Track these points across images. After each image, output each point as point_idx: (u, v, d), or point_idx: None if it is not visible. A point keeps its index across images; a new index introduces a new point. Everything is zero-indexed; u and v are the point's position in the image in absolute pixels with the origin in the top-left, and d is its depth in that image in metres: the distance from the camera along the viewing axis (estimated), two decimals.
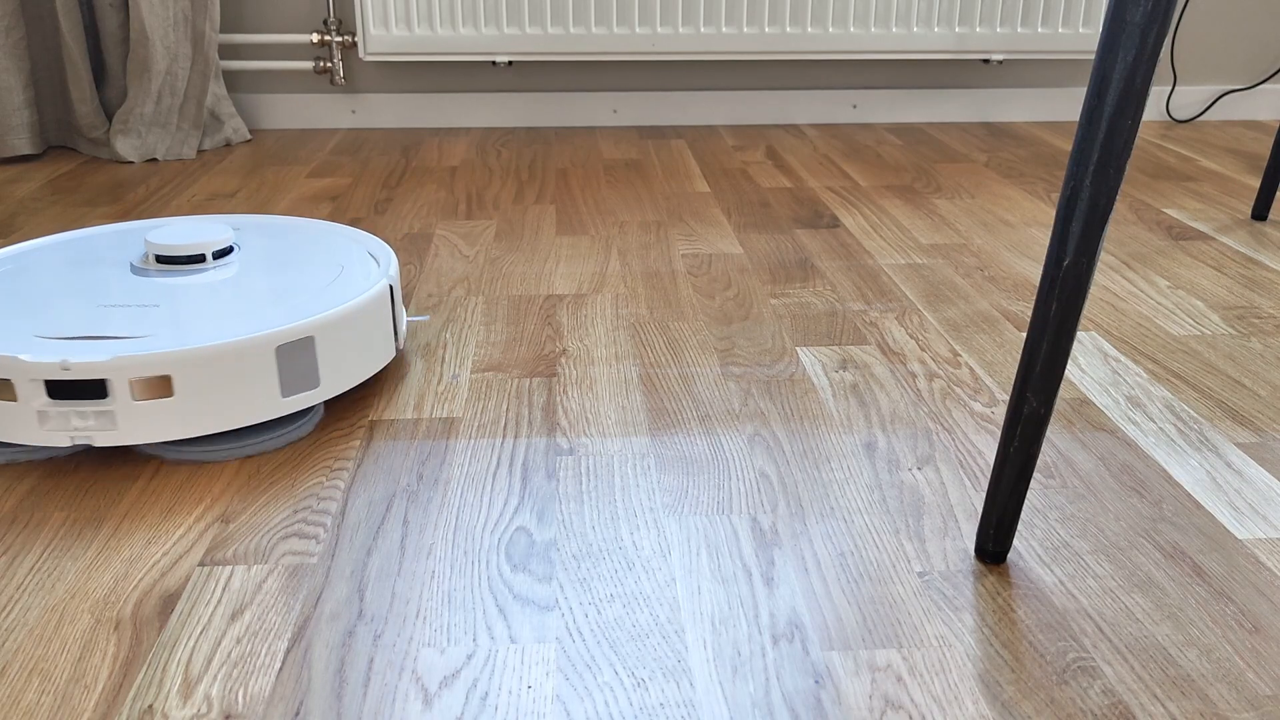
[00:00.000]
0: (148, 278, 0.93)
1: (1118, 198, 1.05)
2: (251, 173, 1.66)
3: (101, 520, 0.74)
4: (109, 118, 1.77)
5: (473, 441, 0.85)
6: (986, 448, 0.84)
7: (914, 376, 0.97)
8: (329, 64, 1.91)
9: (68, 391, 0.78)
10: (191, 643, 0.62)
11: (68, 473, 0.81)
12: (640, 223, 1.41)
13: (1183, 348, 1.03)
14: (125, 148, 1.72)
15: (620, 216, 1.44)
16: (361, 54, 1.85)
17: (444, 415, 0.89)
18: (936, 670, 0.60)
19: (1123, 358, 1.01)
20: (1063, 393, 0.94)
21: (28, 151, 1.72)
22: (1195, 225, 1.42)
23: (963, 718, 0.57)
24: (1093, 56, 1.19)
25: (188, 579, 0.68)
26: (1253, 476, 0.80)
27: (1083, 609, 0.65)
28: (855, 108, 2.03)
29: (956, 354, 1.02)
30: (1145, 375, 0.97)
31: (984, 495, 0.75)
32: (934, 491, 0.78)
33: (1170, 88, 2.07)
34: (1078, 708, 0.57)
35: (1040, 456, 0.83)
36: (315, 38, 1.87)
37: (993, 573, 0.69)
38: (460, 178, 1.63)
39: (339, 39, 1.88)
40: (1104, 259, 1.29)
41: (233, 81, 1.93)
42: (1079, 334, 1.06)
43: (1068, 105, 2.07)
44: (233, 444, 0.83)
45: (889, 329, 1.07)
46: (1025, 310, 1.13)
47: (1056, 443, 0.85)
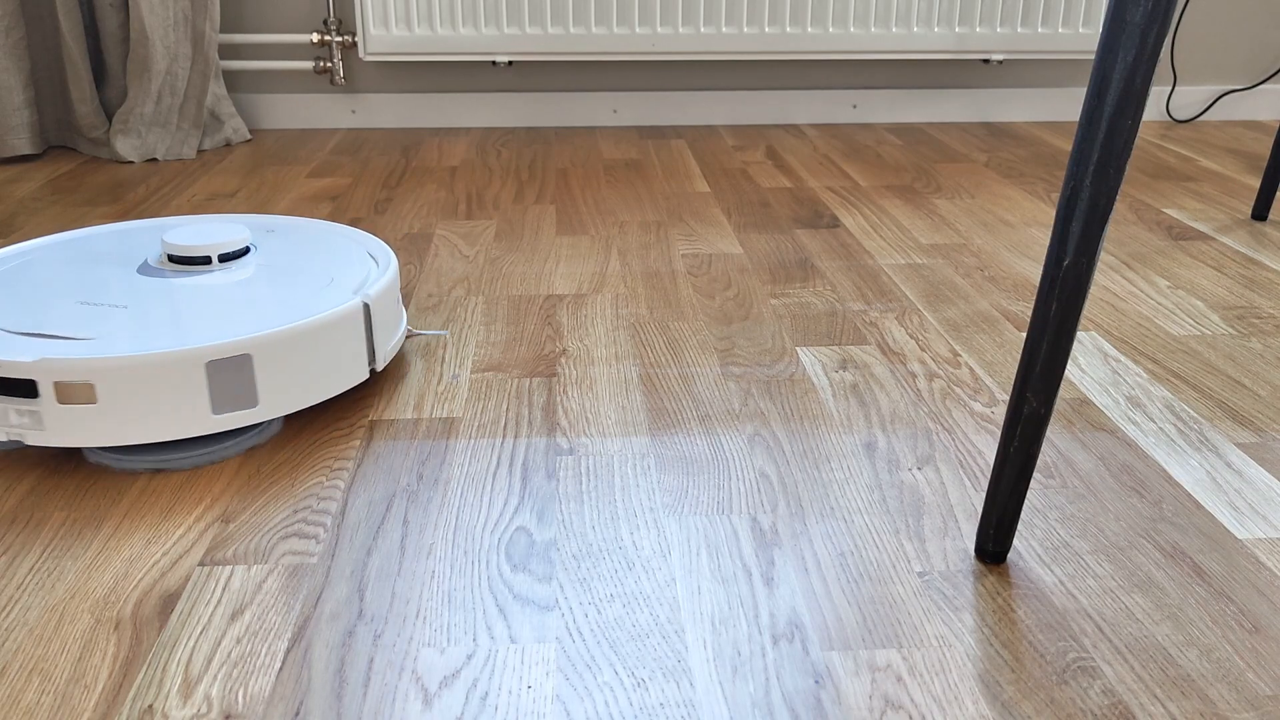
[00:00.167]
0: (149, 277, 0.93)
1: (1118, 198, 1.05)
2: (251, 173, 1.66)
3: (101, 520, 0.74)
4: (109, 118, 1.77)
5: (473, 441, 0.85)
6: (986, 448, 0.84)
7: (914, 376, 0.97)
8: (329, 64, 1.91)
9: (5, 388, 0.78)
10: (191, 643, 0.62)
11: (68, 473, 0.81)
12: (640, 223, 1.41)
13: (1183, 348, 1.03)
14: (125, 148, 1.72)
15: (620, 216, 1.44)
16: (361, 54, 1.85)
17: (444, 415, 0.89)
18: (936, 670, 0.60)
19: (1123, 358, 1.01)
20: (1063, 393, 0.94)
21: (28, 151, 1.72)
22: (1195, 225, 1.42)
23: (963, 718, 0.57)
24: (1093, 56, 1.19)
25: (188, 579, 0.68)
26: (1253, 476, 0.80)
27: (1083, 609, 0.65)
28: (855, 108, 2.03)
29: (956, 354, 1.02)
30: (1145, 375, 0.97)
31: (984, 495, 0.75)
32: (934, 491, 0.78)
33: (1170, 88, 2.07)
34: (1078, 708, 0.57)
35: (1040, 456, 0.83)
36: (315, 38, 1.87)
37: (993, 573, 0.69)
38: (460, 178, 1.63)
39: (339, 39, 1.88)
40: (1104, 259, 1.29)
41: (233, 81, 1.93)
42: (1079, 334, 1.06)
43: (1068, 105, 2.07)
44: (175, 454, 0.81)
45: (889, 329, 1.07)
46: (1025, 310, 1.13)
47: (1056, 443, 0.85)
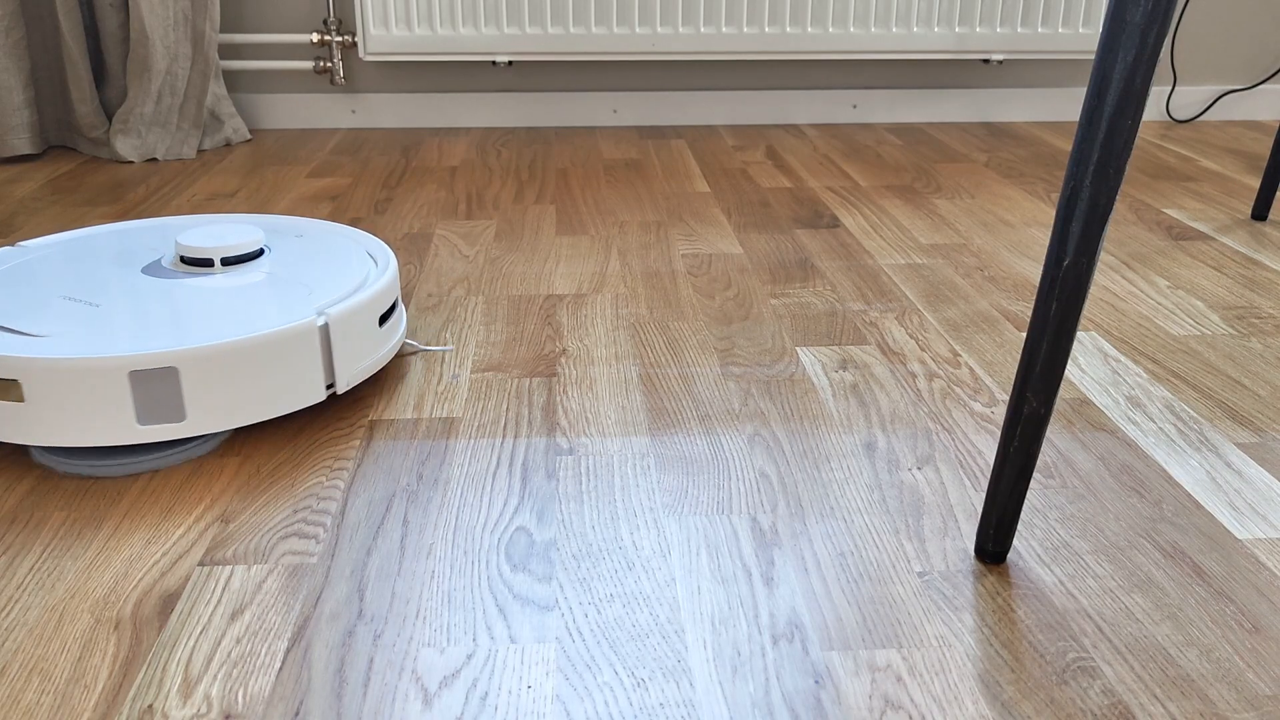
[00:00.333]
0: (151, 277, 0.93)
1: (1118, 198, 1.05)
2: (251, 172, 1.66)
3: (101, 520, 0.74)
4: (109, 117, 1.77)
5: (473, 441, 0.85)
6: (986, 448, 0.84)
7: (914, 376, 0.97)
8: (329, 64, 1.91)
9: None
10: (191, 642, 0.62)
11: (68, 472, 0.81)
12: (640, 223, 1.41)
13: (1183, 348, 1.03)
14: (125, 147, 1.72)
15: (620, 216, 1.44)
16: (361, 54, 1.85)
17: (444, 415, 0.89)
18: (936, 670, 0.60)
19: (1123, 358, 1.01)
20: (1063, 393, 0.94)
21: (28, 151, 1.72)
22: (1195, 225, 1.42)
23: (963, 718, 0.57)
24: (1093, 56, 1.19)
25: (187, 579, 0.68)
26: (1253, 476, 0.80)
27: (1083, 609, 0.65)
28: (855, 108, 2.03)
29: (956, 354, 1.02)
30: (1145, 375, 0.97)
31: (984, 495, 0.75)
32: (934, 491, 0.78)
33: (1170, 88, 2.07)
34: (1078, 708, 0.57)
35: (1040, 456, 0.83)
36: (315, 38, 1.87)
37: (993, 573, 0.69)
38: (460, 178, 1.63)
39: (339, 39, 1.88)
40: (1104, 259, 1.29)
41: (233, 81, 1.93)
42: (1079, 334, 1.06)
43: (1068, 105, 2.07)
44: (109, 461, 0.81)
45: (889, 329, 1.07)
46: (1025, 310, 1.13)
47: (1056, 443, 0.85)
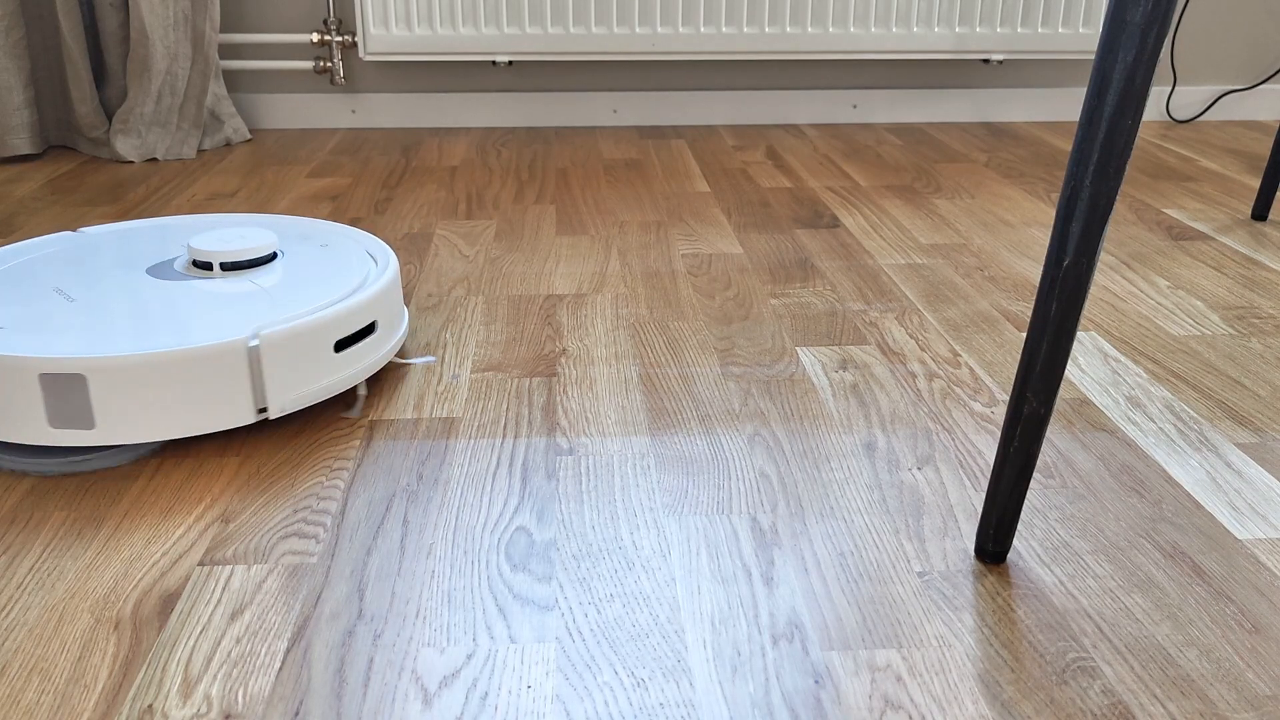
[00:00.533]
0: (150, 277, 0.93)
1: (1118, 198, 1.05)
2: (251, 172, 1.66)
3: (101, 520, 0.74)
4: (109, 117, 1.77)
5: (473, 441, 0.85)
6: (986, 448, 0.84)
7: (914, 376, 0.97)
8: (329, 64, 1.91)
9: None
10: (191, 642, 0.62)
11: (68, 472, 0.81)
12: (640, 223, 1.41)
13: (1183, 348, 1.03)
14: (125, 147, 1.72)
15: (620, 216, 1.44)
16: (361, 54, 1.85)
17: (444, 415, 0.89)
18: (936, 670, 0.60)
19: (1123, 358, 1.01)
20: (1063, 393, 0.94)
21: (28, 151, 1.72)
22: (1195, 225, 1.42)
23: (963, 718, 0.57)
24: (1093, 56, 1.19)
25: (187, 579, 0.68)
26: (1253, 476, 0.80)
27: (1083, 609, 0.65)
28: (855, 108, 2.03)
29: (956, 354, 1.02)
30: (1145, 375, 0.97)
31: (984, 495, 0.75)
32: (934, 491, 0.78)
33: (1170, 88, 2.07)
34: (1078, 708, 0.57)
35: (1040, 456, 0.83)
36: (315, 37, 1.87)
37: (993, 573, 0.69)
38: (460, 178, 1.63)
39: (339, 39, 1.88)
40: (1104, 259, 1.29)
41: (233, 81, 1.93)
42: (1079, 334, 1.06)
43: (1068, 105, 2.07)
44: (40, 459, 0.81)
45: (889, 329, 1.07)
46: (1025, 310, 1.13)
47: (1056, 443, 0.85)
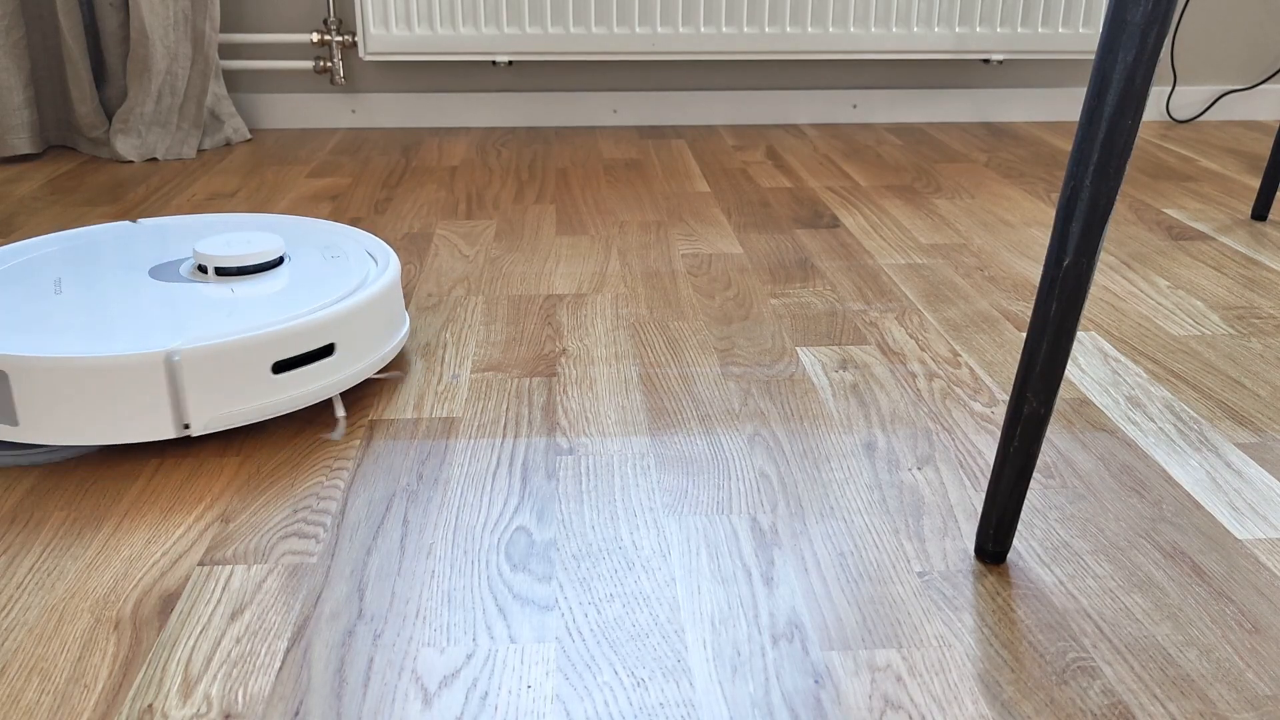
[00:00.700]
0: (149, 278, 0.93)
1: (1118, 198, 1.05)
2: (251, 172, 1.66)
3: (101, 520, 0.74)
4: (109, 117, 1.77)
5: (473, 441, 0.85)
6: (986, 448, 0.84)
7: (914, 376, 0.97)
8: (329, 64, 1.91)
9: None
10: (191, 642, 0.62)
11: (68, 472, 0.81)
12: (640, 223, 1.41)
13: (1183, 348, 1.03)
14: (125, 147, 1.72)
15: (620, 216, 1.44)
16: (361, 54, 1.85)
17: (444, 415, 0.89)
18: (936, 670, 0.60)
19: (1123, 358, 1.01)
20: (1063, 393, 0.94)
21: (28, 151, 1.72)
22: (1195, 225, 1.42)
23: (962, 718, 0.57)
24: (1093, 56, 1.19)
25: (187, 578, 0.68)
26: (1253, 476, 0.80)
27: (1083, 609, 0.65)
28: (855, 108, 2.03)
29: (956, 354, 1.02)
30: (1145, 375, 0.97)
31: (984, 495, 0.75)
32: (934, 491, 0.78)
33: (1170, 88, 2.07)
34: (1077, 708, 0.57)
35: (1040, 456, 0.83)
36: (315, 37, 1.87)
37: (993, 573, 0.69)
38: (460, 177, 1.63)
39: (339, 38, 1.88)
40: (1104, 259, 1.29)
41: (233, 81, 1.93)
42: (1079, 334, 1.06)
43: (1068, 105, 2.07)
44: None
45: (889, 329, 1.07)
46: (1025, 310, 1.13)
47: (1056, 443, 0.85)
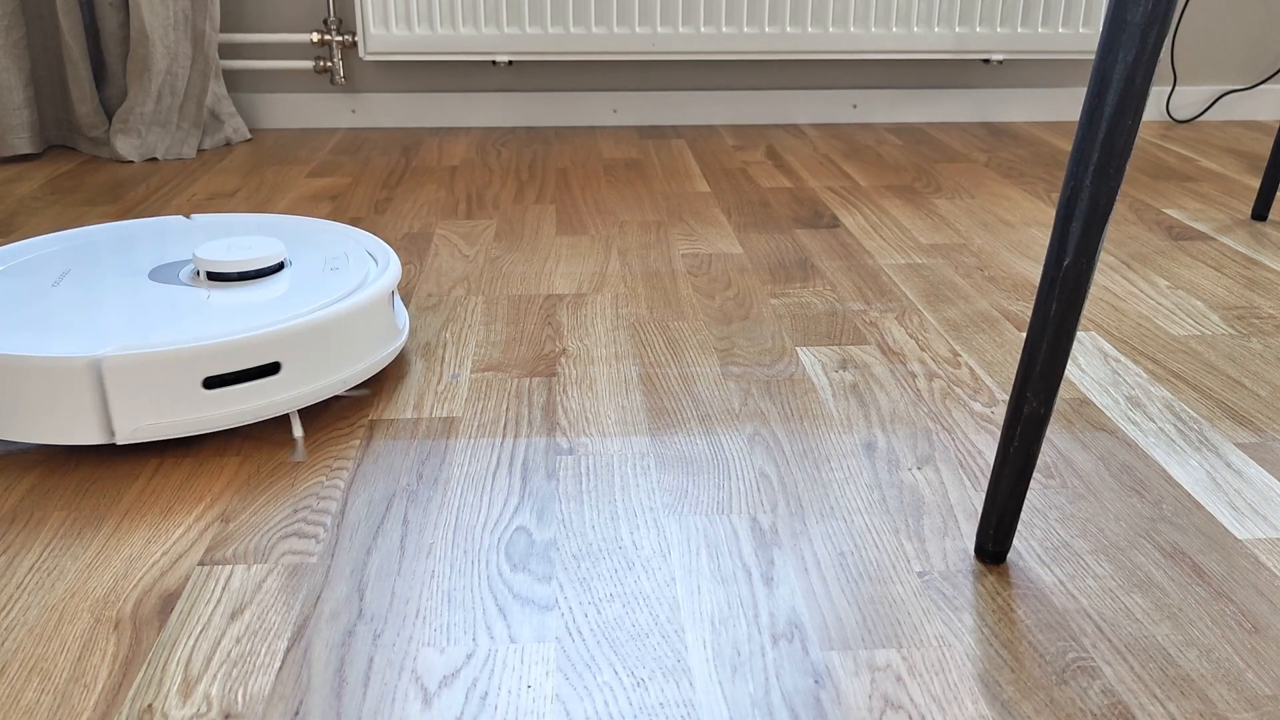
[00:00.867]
0: (147, 279, 0.93)
1: (1118, 198, 1.05)
2: (251, 172, 1.66)
3: (101, 519, 0.74)
4: (109, 117, 1.77)
5: (473, 441, 0.85)
6: (986, 448, 0.84)
7: (914, 376, 0.97)
8: (329, 63, 1.91)
9: None
10: (191, 642, 0.62)
11: (68, 471, 0.81)
12: (640, 222, 1.41)
13: (1183, 348, 1.03)
14: (125, 147, 1.72)
15: (620, 216, 1.44)
16: (361, 53, 1.85)
17: (444, 415, 0.89)
18: (936, 670, 0.60)
19: (1123, 358, 1.01)
20: (1063, 393, 0.94)
21: (28, 151, 1.72)
22: (1195, 225, 1.42)
23: (962, 718, 0.57)
24: (1093, 56, 1.19)
25: (187, 578, 0.68)
26: (1253, 476, 0.80)
27: (1083, 609, 0.65)
28: (855, 108, 2.03)
29: (956, 354, 1.02)
30: (1145, 375, 0.97)
31: (984, 495, 0.75)
32: (934, 491, 0.78)
33: (1170, 88, 2.07)
34: (1077, 708, 0.57)
35: (1040, 456, 0.83)
36: (315, 37, 1.87)
37: (992, 573, 0.69)
38: (460, 177, 1.63)
39: (339, 38, 1.88)
40: (1104, 259, 1.29)
41: (233, 81, 1.93)
42: (1079, 334, 1.06)
43: (1068, 105, 2.07)
44: None
45: (889, 329, 1.07)
46: (1025, 310, 1.13)
47: (1056, 443, 0.85)
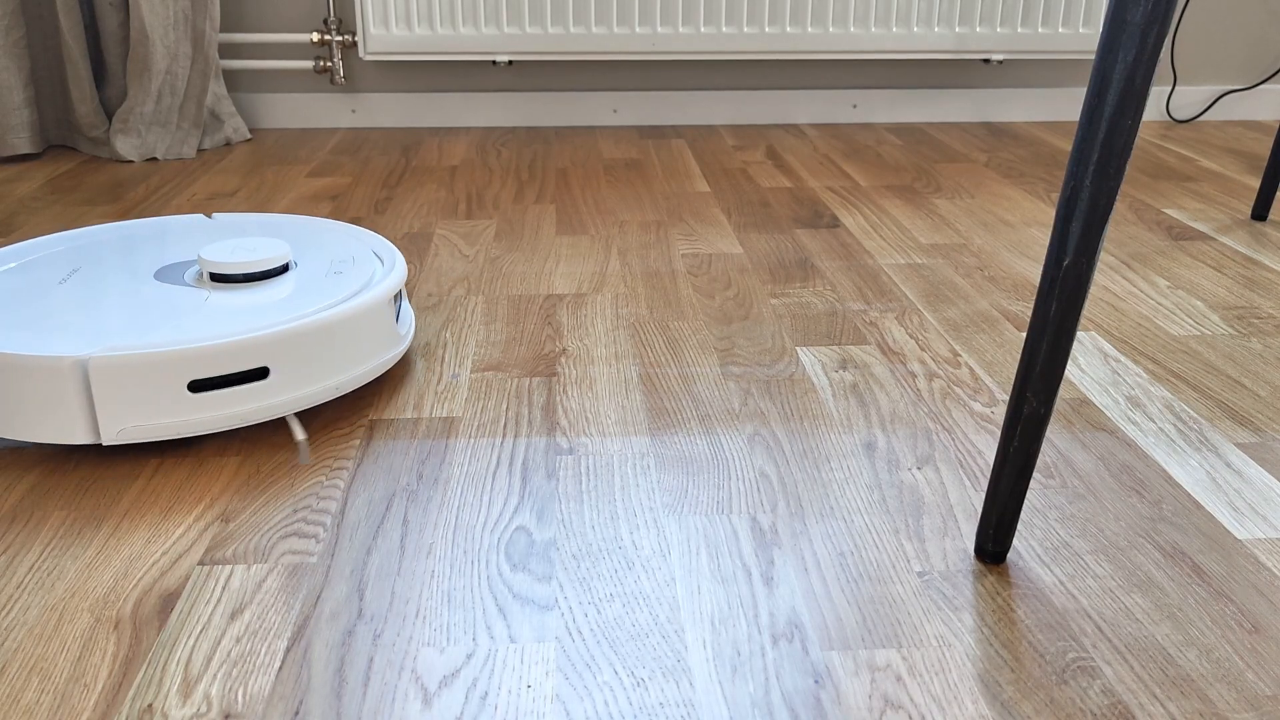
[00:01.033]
0: (152, 279, 0.93)
1: (1118, 198, 1.05)
2: (251, 172, 1.66)
3: (101, 519, 0.74)
4: (109, 117, 1.77)
5: (473, 441, 0.85)
6: (986, 448, 0.84)
7: (914, 376, 0.97)
8: (329, 63, 1.91)
9: None
10: (191, 642, 0.62)
11: (68, 471, 0.81)
12: (640, 222, 1.41)
13: (1183, 348, 1.03)
14: (125, 147, 1.72)
15: (620, 216, 1.44)
16: (361, 53, 1.85)
17: (444, 415, 0.89)
18: (936, 670, 0.60)
19: (1123, 358, 1.01)
20: (1063, 393, 0.94)
21: (28, 150, 1.72)
22: (1195, 225, 1.42)
23: (962, 718, 0.57)
24: (1093, 56, 1.19)
25: (187, 578, 0.68)
26: (1252, 476, 0.80)
27: (1082, 609, 0.65)
28: (855, 108, 2.03)
29: (956, 354, 1.02)
30: (1145, 375, 0.97)
31: (984, 495, 0.75)
32: (934, 491, 0.78)
33: (1170, 88, 2.07)
34: (1077, 708, 0.57)
35: (1040, 456, 0.83)
36: (315, 37, 1.87)
37: (992, 573, 0.69)
38: (460, 177, 1.63)
39: (339, 38, 1.88)
40: (1104, 259, 1.29)
41: (233, 81, 1.93)
42: (1079, 334, 1.06)
43: (1068, 105, 2.07)
44: None
45: (889, 329, 1.07)
46: (1025, 310, 1.13)
47: (1056, 443, 0.85)
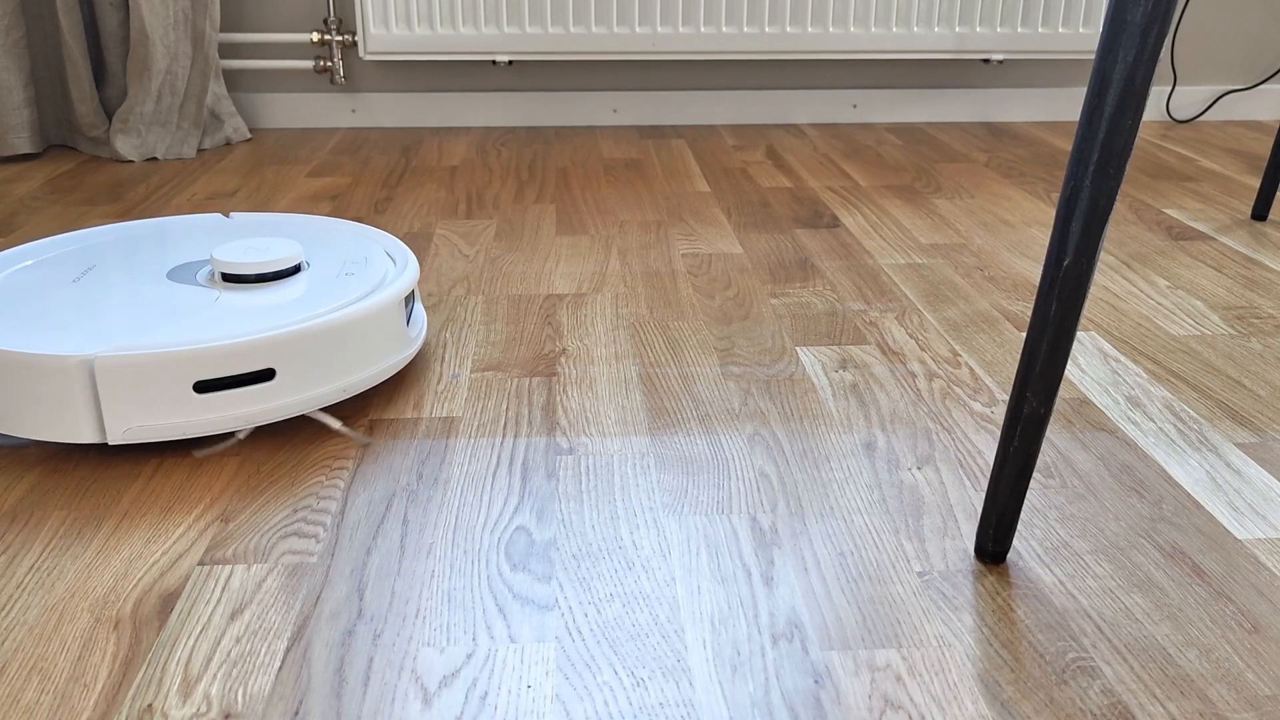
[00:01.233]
0: (163, 279, 0.93)
1: (1118, 198, 1.05)
2: (251, 172, 1.66)
3: (101, 519, 0.74)
4: (109, 117, 1.77)
5: (473, 441, 0.85)
6: (986, 448, 0.84)
7: (914, 376, 0.97)
8: (329, 63, 1.91)
9: None
10: (191, 642, 0.62)
11: (68, 471, 0.81)
12: (640, 222, 1.41)
13: (1183, 348, 1.03)
14: (125, 147, 1.72)
15: (620, 216, 1.44)
16: (361, 53, 1.85)
17: (444, 415, 0.89)
18: (936, 670, 0.60)
19: (1123, 358, 1.01)
20: (1063, 393, 0.94)
21: (28, 150, 1.72)
22: (1195, 225, 1.42)
23: (962, 718, 0.57)
24: (1093, 56, 1.19)
25: (187, 578, 0.68)
26: (1252, 476, 0.80)
27: (1082, 609, 0.65)
28: (855, 108, 2.03)
29: (956, 354, 1.02)
30: (1145, 375, 0.97)
31: (984, 495, 0.75)
32: (934, 491, 0.78)
33: (1170, 88, 2.07)
34: (1077, 708, 0.57)
35: (1040, 456, 0.83)
36: (315, 37, 1.87)
37: (992, 573, 0.69)
38: (460, 177, 1.63)
39: (339, 38, 1.88)
40: (1104, 259, 1.29)
41: (233, 81, 1.93)
42: (1079, 334, 1.06)
43: (1068, 105, 2.07)
44: None
45: (889, 329, 1.07)
46: (1025, 310, 1.13)
47: (1056, 443, 0.85)
